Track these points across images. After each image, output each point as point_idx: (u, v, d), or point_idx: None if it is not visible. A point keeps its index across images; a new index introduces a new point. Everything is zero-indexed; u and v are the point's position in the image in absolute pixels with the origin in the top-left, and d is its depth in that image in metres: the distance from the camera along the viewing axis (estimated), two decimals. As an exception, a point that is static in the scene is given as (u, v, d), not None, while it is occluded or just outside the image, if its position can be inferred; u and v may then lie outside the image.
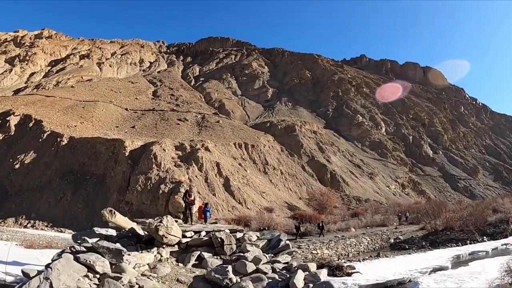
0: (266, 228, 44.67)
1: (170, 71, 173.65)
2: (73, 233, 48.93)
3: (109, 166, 64.42)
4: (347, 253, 30.10)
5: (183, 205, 25.41)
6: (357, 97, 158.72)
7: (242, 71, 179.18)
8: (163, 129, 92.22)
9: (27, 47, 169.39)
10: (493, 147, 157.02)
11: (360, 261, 27.24)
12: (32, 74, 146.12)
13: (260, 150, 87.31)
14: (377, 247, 33.47)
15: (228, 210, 58.36)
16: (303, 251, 26.74)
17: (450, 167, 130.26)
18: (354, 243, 31.51)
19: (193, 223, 22.74)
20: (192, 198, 24.34)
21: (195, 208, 25.30)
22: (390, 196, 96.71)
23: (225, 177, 66.62)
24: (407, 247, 32.72)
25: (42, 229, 51.16)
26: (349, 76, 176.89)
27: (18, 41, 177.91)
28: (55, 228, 51.75)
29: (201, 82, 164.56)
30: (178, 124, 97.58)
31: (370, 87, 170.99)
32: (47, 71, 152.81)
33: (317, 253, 27.36)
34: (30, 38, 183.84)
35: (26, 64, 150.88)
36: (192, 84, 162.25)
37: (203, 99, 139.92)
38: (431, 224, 39.64)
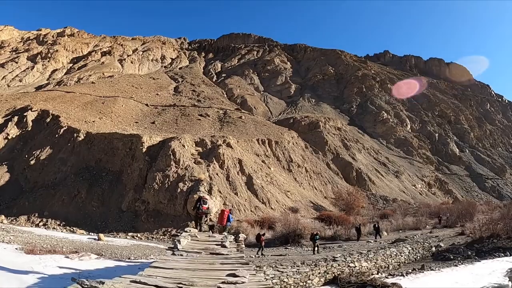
0: (292, 232, 41.50)
1: (192, 67, 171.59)
2: (84, 233, 47.10)
3: (126, 163, 62.08)
4: (387, 265, 26.61)
5: (194, 213, 22.94)
6: (381, 93, 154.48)
7: (264, 67, 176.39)
8: (183, 124, 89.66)
9: (50, 44, 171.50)
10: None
11: (404, 275, 23.85)
12: (54, 71, 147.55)
13: (284, 146, 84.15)
14: (418, 257, 29.84)
15: (251, 211, 55.36)
16: (339, 264, 23.36)
17: (477, 166, 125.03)
18: (395, 253, 27.91)
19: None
20: (207, 206, 22.07)
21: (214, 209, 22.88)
22: (417, 196, 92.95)
23: (248, 175, 63.57)
24: (451, 257, 28.94)
25: (54, 228, 48.97)
26: (373, 72, 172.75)
27: (40, 39, 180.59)
28: (67, 227, 49.43)
29: (223, 78, 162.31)
30: (199, 119, 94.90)
31: (394, 83, 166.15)
32: (68, 68, 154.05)
33: (355, 266, 24.00)
34: (53, 36, 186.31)
35: (48, 61, 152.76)
36: (214, 80, 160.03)
37: (225, 95, 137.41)
38: (475, 230, 35.68)
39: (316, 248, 32.31)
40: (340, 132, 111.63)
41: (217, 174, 59.45)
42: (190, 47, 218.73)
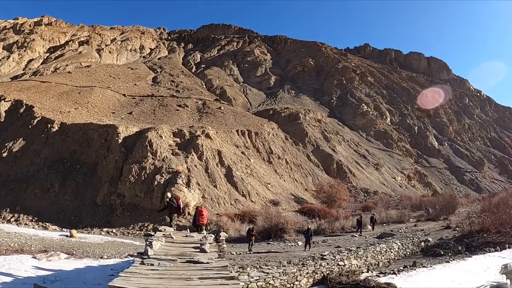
0: (274, 227, 40.13)
1: (171, 58, 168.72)
2: (57, 229, 45.08)
3: (101, 155, 59.83)
4: (377, 262, 25.52)
5: (165, 207, 21.86)
6: (361, 86, 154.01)
7: (244, 58, 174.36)
8: (161, 115, 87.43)
9: (26, 34, 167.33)
10: (498, 140, 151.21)
11: (395, 273, 22.82)
12: (30, 60, 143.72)
13: (264, 138, 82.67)
14: (408, 253, 28.81)
15: (231, 204, 54.02)
16: (327, 263, 22.13)
17: (456, 159, 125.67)
18: (385, 249, 26.76)
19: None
20: (176, 207, 21.05)
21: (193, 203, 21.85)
22: (397, 188, 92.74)
23: (227, 166, 62.06)
24: (442, 253, 27.95)
25: (26, 224, 46.79)
26: (353, 64, 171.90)
27: (17, 28, 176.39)
28: (40, 223, 47.27)
29: (202, 69, 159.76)
30: (178, 110, 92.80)
31: (374, 76, 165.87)
32: (45, 57, 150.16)
33: (344, 265, 22.82)
34: (30, 25, 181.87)
35: (25, 50, 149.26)
36: (193, 71, 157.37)
37: (204, 86, 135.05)
38: (464, 224, 34.72)
39: (309, 245, 30.48)
40: (320, 124, 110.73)
41: (195, 166, 57.83)
42: (169, 37, 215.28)
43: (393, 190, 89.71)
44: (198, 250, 14.23)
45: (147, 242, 14.51)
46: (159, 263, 11.13)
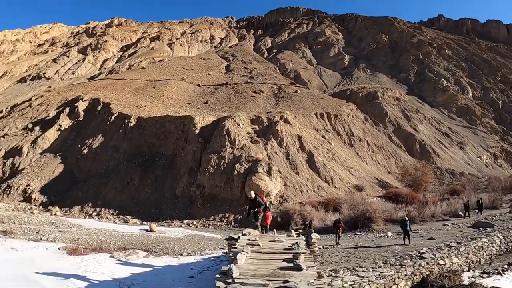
0: (361, 216, 36.66)
1: (242, 45, 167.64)
2: (137, 222, 44.56)
3: (179, 146, 59.28)
4: (478, 259, 21.82)
5: (250, 207, 20.13)
6: (439, 60, 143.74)
7: (315, 39, 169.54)
8: (237, 102, 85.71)
9: (99, 36, 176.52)
10: None
11: (500, 273, 19.53)
12: (105, 60, 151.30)
13: (344, 120, 78.59)
14: (510, 247, 24.54)
15: (314, 191, 51.00)
16: (427, 263, 18.83)
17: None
18: (486, 244, 22.90)
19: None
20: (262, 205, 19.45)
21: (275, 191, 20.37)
22: (483, 168, 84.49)
23: (308, 152, 58.94)
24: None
25: (107, 218, 47.61)
26: (428, 37, 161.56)
27: (90, 32, 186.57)
28: (120, 216, 47.73)
29: (274, 53, 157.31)
30: (253, 96, 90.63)
31: (452, 48, 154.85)
32: (119, 56, 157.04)
33: (445, 264, 19.44)
34: (101, 28, 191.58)
35: (99, 52, 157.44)
36: (265, 56, 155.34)
37: (278, 70, 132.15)
38: None
39: (408, 238, 26.26)
40: (400, 103, 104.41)
41: (275, 153, 55.42)
42: (238, 25, 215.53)
43: (479, 170, 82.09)
44: (292, 265, 12.06)
45: (231, 254, 13.24)
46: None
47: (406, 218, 27.45)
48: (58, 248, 24.54)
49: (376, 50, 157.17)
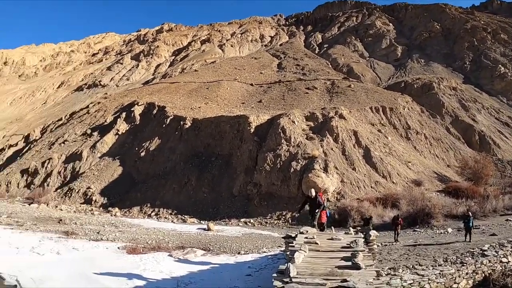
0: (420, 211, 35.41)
1: (292, 42, 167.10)
2: (195, 221, 45.25)
3: (235, 146, 59.72)
4: None
5: (304, 203, 20.50)
6: (495, 46, 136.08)
7: (366, 32, 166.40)
8: (291, 100, 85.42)
9: (150, 42, 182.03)
10: None
11: None
12: (158, 65, 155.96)
13: (400, 113, 76.46)
14: None
15: (371, 187, 49.93)
16: (489, 260, 18.01)
17: None
18: None
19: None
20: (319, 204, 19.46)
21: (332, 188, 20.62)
22: (547, 159, 80.00)
23: (365, 147, 57.66)
24: None
25: (165, 217, 48.97)
26: (482, 22, 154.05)
27: (141, 39, 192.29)
28: (178, 216, 48.97)
29: (325, 48, 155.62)
30: (307, 93, 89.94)
31: (508, 32, 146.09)
32: (171, 60, 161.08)
33: (508, 262, 18.47)
34: (152, 34, 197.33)
35: (151, 57, 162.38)
36: (316, 52, 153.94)
37: (330, 66, 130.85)
38: None
39: (469, 235, 24.78)
40: (456, 92, 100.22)
41: (331, 149, 54.59)
42: (287, 22, 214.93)
43: (543, 162, 78.02)
44: (350, 263, 11.93)
45: (288, 253, 13.22)
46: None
47: (470, 214, 26.20)
48: (118, 248, 25.28)
49: (428, 39, 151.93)
